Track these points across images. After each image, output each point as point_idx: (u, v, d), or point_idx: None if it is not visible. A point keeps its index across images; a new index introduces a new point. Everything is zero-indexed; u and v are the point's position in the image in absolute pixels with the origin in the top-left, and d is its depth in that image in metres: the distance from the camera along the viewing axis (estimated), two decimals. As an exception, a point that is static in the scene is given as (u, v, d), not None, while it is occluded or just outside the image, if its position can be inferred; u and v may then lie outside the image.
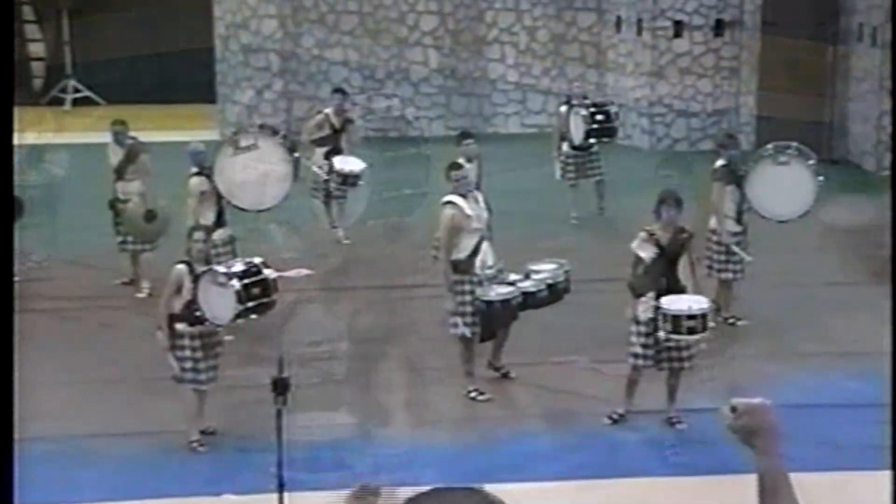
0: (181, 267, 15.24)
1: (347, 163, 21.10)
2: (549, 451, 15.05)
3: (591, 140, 23.40)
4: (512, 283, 16.51)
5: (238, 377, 14.89)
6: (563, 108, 24.14)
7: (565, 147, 23.47)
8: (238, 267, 15.79)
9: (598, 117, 23.64)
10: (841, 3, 27.32)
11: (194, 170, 18.97)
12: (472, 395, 16.47)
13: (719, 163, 19.10)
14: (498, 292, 16.36)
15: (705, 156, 21.06)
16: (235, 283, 15.24)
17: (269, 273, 15.82)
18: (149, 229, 19.34)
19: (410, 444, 15.12)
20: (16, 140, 17.85)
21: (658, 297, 15.14)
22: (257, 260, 16.13)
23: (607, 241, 20.55)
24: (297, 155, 19.59)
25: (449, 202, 16.51)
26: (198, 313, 14.98)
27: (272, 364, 10.52)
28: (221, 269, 15.46)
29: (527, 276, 16.67)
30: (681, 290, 15.30)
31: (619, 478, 14.69)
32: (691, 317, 15.11)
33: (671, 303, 15.12)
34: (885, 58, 26.01)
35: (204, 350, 15.09)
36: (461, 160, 17.67)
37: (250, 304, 15.38)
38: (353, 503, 7.37)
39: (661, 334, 15.10)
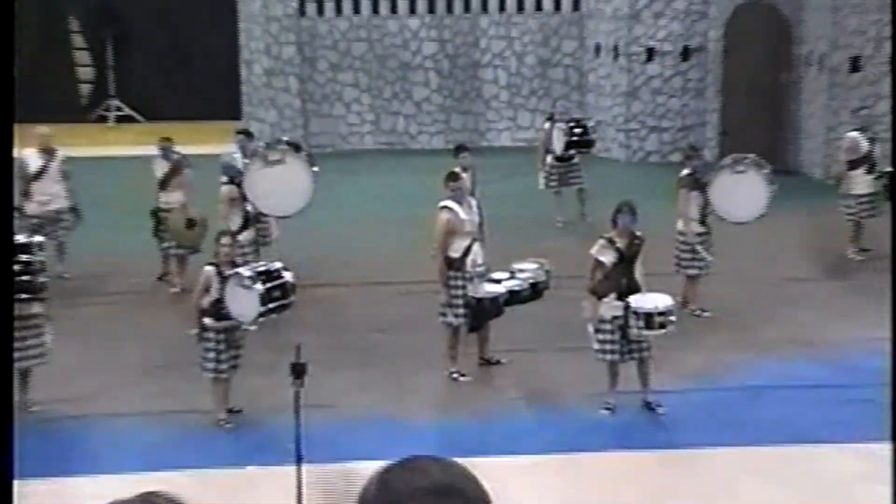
0: (210, 269, 15.35)
1: None
2: (530, 428, 15.13)
3: (571, 151, 23.51)
4: (499, 282, 16.65)
5: (260, 362, 14.95)
6: (547, 124, 24.23)
7: (549, 158, 23.54)
8: (261, 270, 15.89)
9: (576, 130, 23.76)
10: (792, 34, 27.35)
11: (225, 179, 19.08)
12: (455, 376, 16.65)
13: (685, 172, 19.24)
14: (487, 290, 16.50)
15: (674, 166, 21.05)
16: (259, 287, 15.28)
17: (288, 277, 15.92)
18: (190, 235, 19.37)
19: (403, 419, 15.30)
20: (66, 153, 18.08)
21: (619, 297, 15.26)
22: (278, 265, 16.23)
23: (588, 243, 20.43)
24: (316, 169, 19.71)
25: (445, 207, 16.64)
26: (224, 311, 15.12)
27: (291, 351, 10.56)
28: (247, 272, 15.50)
29: (512, 275, 16.82)
30: (638, 290, 15.40)
31: (594, 452, 14.75)
32: (661, 314, 15.22)
33: (641, 302, 15.22)
34: (830, 81, 26.10)
35: (227, 343, 15.18)
36: (458, 170, 17.74)
37: (272, 304, 15.44)
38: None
39: (634, 331, 15.17)
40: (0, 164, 2.23)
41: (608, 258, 15.34)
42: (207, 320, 15.17)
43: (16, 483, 14.03)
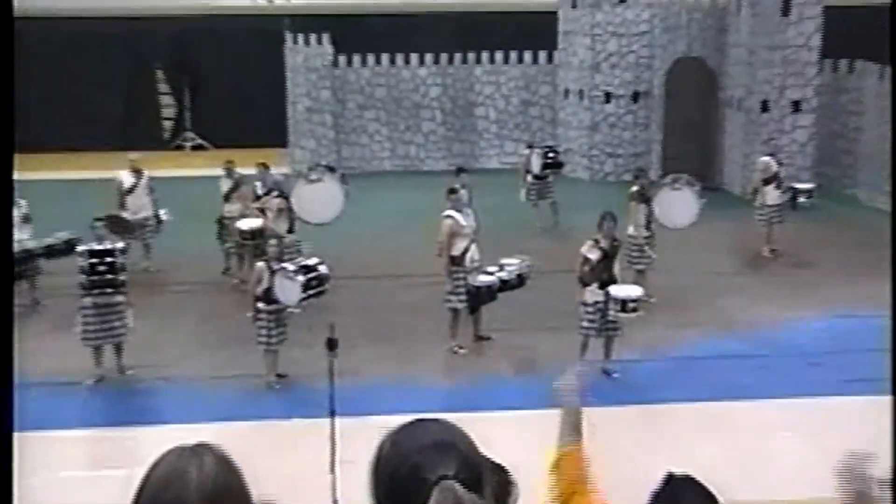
0: (261, 264, 15.42)
1: None
2: (514, 390, 15.07)
3: (546, 171, 23.62)
4: (491, 274, 16.65)
5: (302, 338, 14.92)
6: (527, 150, 24.28)
7: (529, 177, 23.60)
8: (302, 265, 15.87)
9: (550, 155, 23.97)
10: (718, 82, 27.32)
11: (275, 193, 19.05)
12: (455, 349, 16.67)
13: (634, 188, 19.27)
14: (483, 280, 16.50)
15: (626, 184, 20.99)
16: (301, 278, 15.37)
17: (323, 270, 15.91)
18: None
19: (413, 383, 15.28)
20: (151, 173, 18.01)
21: (601, 286, 15.29)
22: (315, 260, 16.22)
23: (559, 244, 20.51)
24: (347, 186, 19.71)
25: (448, 216, 16.61)
26: (273, 297, 15.12)
27: (326, 329, 10.54)
28: (291, 266, 15.52)
29: (501, 268, 16.83)
30: (615, 282, 15.49)
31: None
32: (633, 300, 15.40)
33: (618, 291, 15.39)
34: (746, 119, 26.15)
35: (276, 322, 15.26)
36: (457, 186, 17.68)
37: (311, 292, 15.50)
38: None
39: (612, 313, 15.28)
40: (1, 168, 2.13)
41: (594, 255, 15.37)
42: (260, 304, 15.24)
43: (107, 429, 14.10)
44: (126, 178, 20.43)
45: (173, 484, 2.65)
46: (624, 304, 15.29)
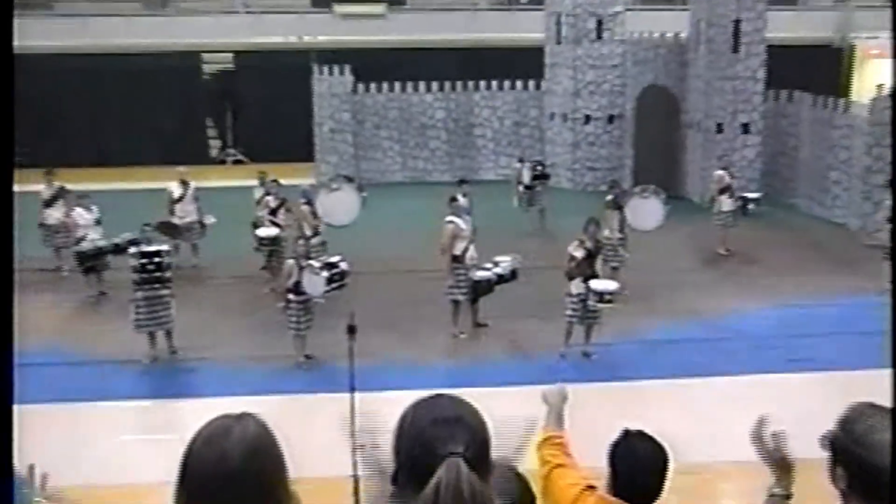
0: (291, 262, 15.37)
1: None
2: (506, 370, 15.07)
3: (535, 182, 23.57)
4: (488, 269, 16.63)
5: (326, 324, 14.90)
6: (519, 164, 24.29)
7: (520, 187, 23.59)
8: (326, 262, 15.87)
9: (539, 168, 23.98)
10: (680, 107, 27.28)
11: (303, 200, 19.01)
12: (456, 334, 16.60)
13: (609, 197, 19.21)
14: (481, 275, 16.48)
15: (602, 193, 20.95)
16: (325, 273, 15.35)
17: (344, 266, 15.90)
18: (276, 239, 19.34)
19: (421, 363, 15.28)
20: (198, 184, 17.93)
21: (585, 280, 15.23)
22: (337, 258, 16.21)
23: (546, 244, 20.49)
24: (364, 195, 19.72)
25: (450, 220, 16.57)
26: (301, 289, 15.12)
27: (346, 316, 10.52)
28: (317, 263, 15.49)
29: (496, 264, 16.80)
30: (597, 277, 15.42)
31: (550, 385, 14.69)
32: (610, 293, 15.36)
33: (597, 284, 15.30)
34: (704, 139, 26.12)
35: (304, 311, 15.22)
36: (458, 195, 17.66)
37: (333, 285, 15.47)
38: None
39: (591, 303, 15.23)
40: (1, 169, 2.14)
41: (579, 254, 15.28)
42: (290, 296, 15.19)
43: (159, 401, 14.10)
44: (175, 188, 20.53)
45: (218, 441, 2.72)
46: (601, 296, 15.25)
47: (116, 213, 19.84)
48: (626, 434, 4.83)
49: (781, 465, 3.81)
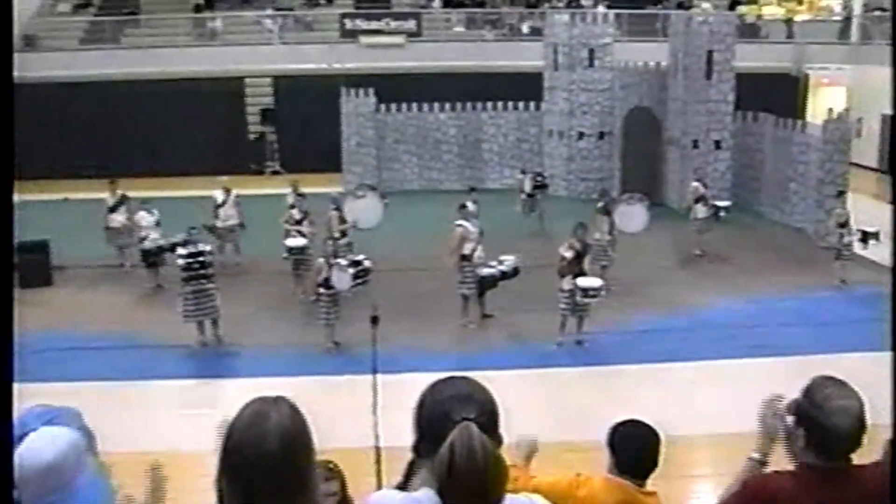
0: (321, 260, 15.36)
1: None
2: (508, 355, 15.08)
3: (535, 190, 23.52)
4: (493, 267, 16.58)
5: (352, 315, 14.90)
6: (520, 175, 24.30)
7: (522, 195, 23.55)
8: (352, 260, 15.85)
9: (538, 178, 24.01)
10: (661, 125, 27.22)
11: (333, 206, 19.00)
12: (465, 324, 16.56)
13: (599, 204, 19.15)
14: (487, 272, 16.43)
15: (594, 200, 20.92)
16: (351, 270, 15.29)
17: (368, 264, 15.88)
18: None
19: (435, 349, 15.25)
20: (240, 192, 17.91)
21: (574, 278, 15.16)
22: (361, 257, 16.20)
23: (545, 245, 20.39)
24: (386, 201, 19.72)
25: (459, 224, 16.57)
26: (330, 284, 15.10)
27: (370, 308, 10.52)
28: (344, 261, 15.48)
29: (500, 263, 16.73)
30: (585, 275, 15.32)
31: (550, 368, 14.75)
32: (595, 289, 15.24)
33: (584, 282, 15.19)
34: (681, 154, 26.04)
35: (332, 303, 15.19)
36: (468, 202, 17.66)
37: (358, 280, 15.42)
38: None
39: (579, 299, 15.14)
40: (2, 171, 2.16)
41: (569, 254, 15.19)
42: (321, 290, 15.19)
43: (207, 380, 14.13)
44: (219, 195, 20.58)
45: (257, 424, 2.68)
46: (586, 292, 15.14)
47: (171, 217, 19.90)
48: (625, 421, 4.90)
49: (770, 435, 3.86)
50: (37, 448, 2.84)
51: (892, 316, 3.65)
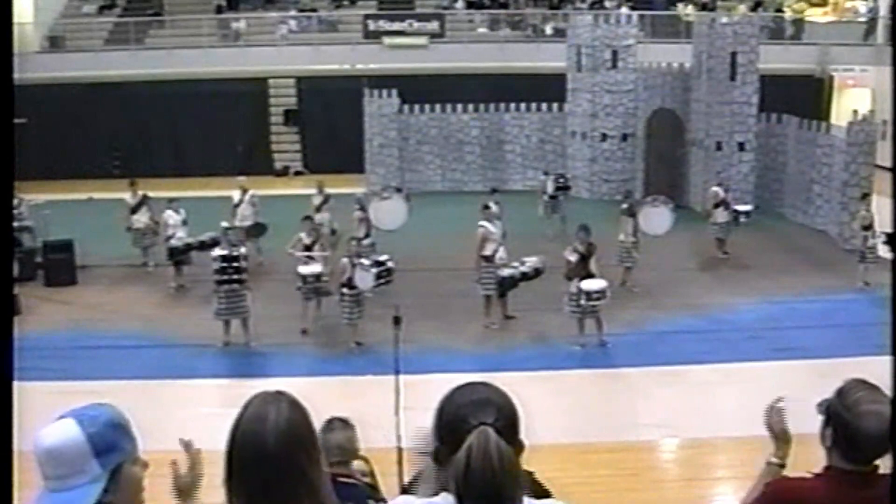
0: (345, 260, 15.35)
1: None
2: (530, 357, 15.05)
3: (557, 192, 23.45)
4: (515, 268, 16.53)
5: (375, 314, 14.92)
6: (543, 176, 24.25)
7: (544, 197, 23.47)
8: (375, 260, 15.89)
9: (561, 180, 23.84)
10: (684, 127, 27.14)
11: (357, 206, 19.05)
12: (487, 325, 16.50)
13: (624, 205, 19.10)
14: (509, 272, 16.39)
15: (617, 202, 20.89)
16: (374, 270, 15.37)
17: (391, 264, 15.91)
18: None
19: (457, 349, 15.24)
20: (265, 193, 17.95)
21: (580, 280, 15.12)
22: (385, 257, 16.23)
23: (566, 247, 20.40)
24: (409, 202, 19.75)
25: (481, 225, 16.55)
26: (354, 284, 15.12)
27: (393, 308, 10.53)
28: (367, 261, 15.51)
29: (522, 263, 16.66)
30: (591, 276, 15.25)
31: (572, 370, 14.73)
32: (598, 292, 15.17)
33: (588, 284, 15.13)
34: (705, 155, 25.87)
35: (356, 303, 15.20)
36: (490, 203, 17.65)
37: (381, 280, 15.51)
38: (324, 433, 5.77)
39: (583, 302, 15.09)
40: (2, 171, 2.17)
41: (573, 257, 15.18)
42: (344, 290, 15.19)
43: (231, 379, 14.17)
44: (236, 194, 20.70)
45: (255, 425, 2.76)
46: (590, 295, 15.08)
47: (196, 216, 20.00)
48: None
49: (781, 438, 3.86)
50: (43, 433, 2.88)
51: (892, 316, 3.66)
